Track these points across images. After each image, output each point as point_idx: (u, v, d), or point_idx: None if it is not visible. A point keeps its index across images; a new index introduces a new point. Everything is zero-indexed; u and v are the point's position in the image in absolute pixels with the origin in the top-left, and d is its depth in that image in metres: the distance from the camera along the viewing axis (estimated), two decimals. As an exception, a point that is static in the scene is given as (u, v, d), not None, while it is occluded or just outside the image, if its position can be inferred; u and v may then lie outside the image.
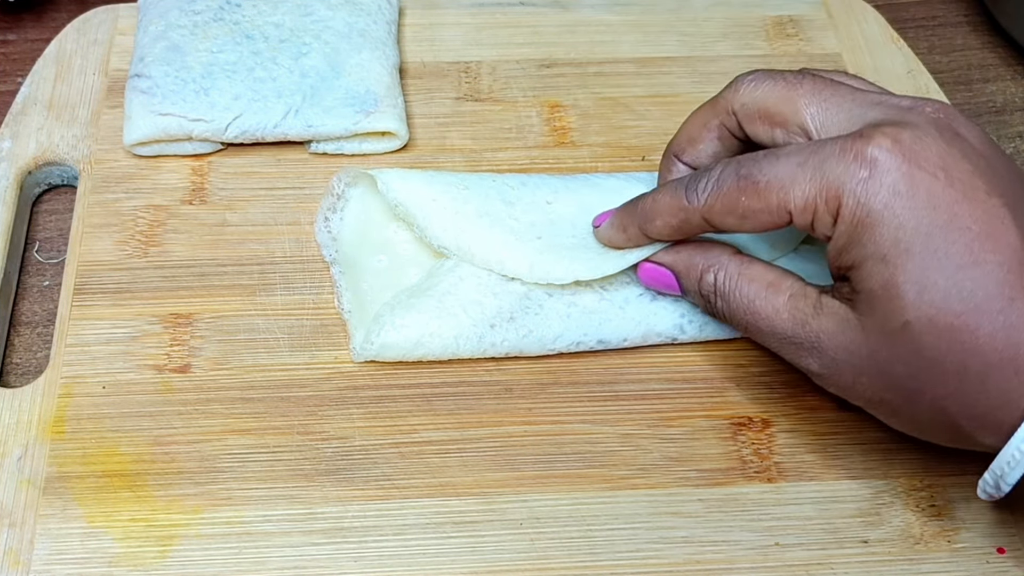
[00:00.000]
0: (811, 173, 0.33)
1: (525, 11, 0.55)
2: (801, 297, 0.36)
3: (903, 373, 0.34)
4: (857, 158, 0.33)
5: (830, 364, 0.35)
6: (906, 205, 0.32)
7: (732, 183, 0.36)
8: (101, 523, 0.38)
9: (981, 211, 0.32)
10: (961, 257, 0.32)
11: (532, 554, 0.38)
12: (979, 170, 0.33)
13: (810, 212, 0.34)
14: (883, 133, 0.33)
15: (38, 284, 0.46)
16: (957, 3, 0.60)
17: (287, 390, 0.41)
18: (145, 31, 0.50)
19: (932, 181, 0.32)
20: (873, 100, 0.35)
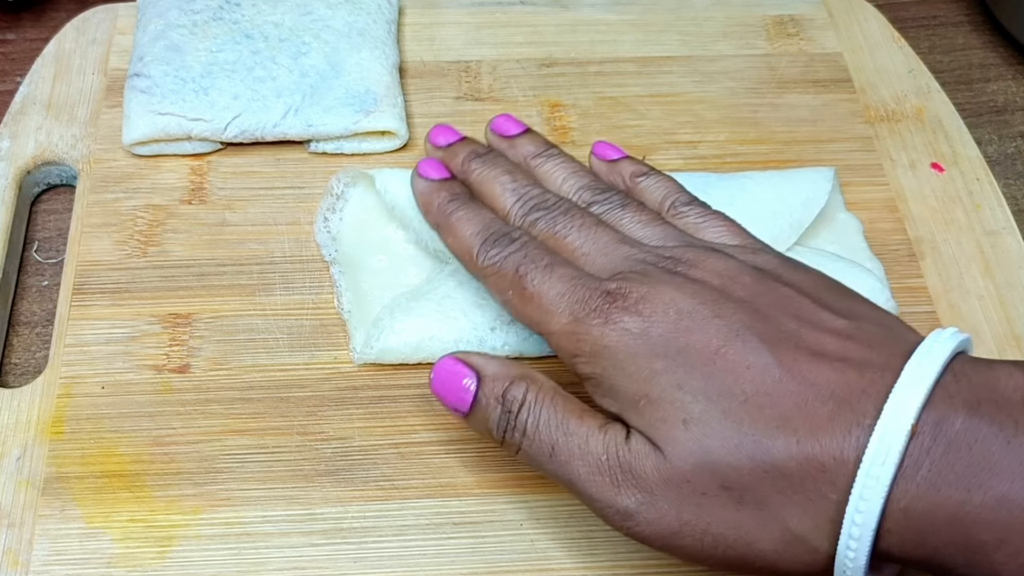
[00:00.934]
0: (563, 308, 0.35)
1: (525, 10, 0.55)
2: (615, 425, 0.33)
3: (710, 483, 0.32)
4: (598, 312, 0.34)
5: (648, 501, 0.32)
6: (638, 340, 0.33)
7: (511, 271, 0.37)
8: (100, 523, 0.38)
9: (713, 332, 0.32)
10: (716, 378, 0.32)
11: (532, 554, 0.38)
12: (707, 302, 0.33)
13: (554, 342, 0.35)
14: (622, 289, 0.34)
15: (37, 284, 0.46)
16: (958, 2, 0.60)
17: (287, 390, 0.41)
18: (144, 30, 0.50)
19: (662, 322, 0.33)
20: (624, 255, 0.36)
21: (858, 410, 0.30)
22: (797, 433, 0.30)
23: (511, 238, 0.38)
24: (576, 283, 0.35)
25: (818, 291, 0.35)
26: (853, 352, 0.32)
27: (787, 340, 0.32)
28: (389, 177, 0.44)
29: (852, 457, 0.30)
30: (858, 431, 0.30)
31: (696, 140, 0.50)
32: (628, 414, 0.33)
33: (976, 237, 0.47)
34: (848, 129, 0.51)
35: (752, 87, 0.52)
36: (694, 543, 0.32)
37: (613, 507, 0.33)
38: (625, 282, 0.34)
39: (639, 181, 0.41)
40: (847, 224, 0.47)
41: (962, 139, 0.51)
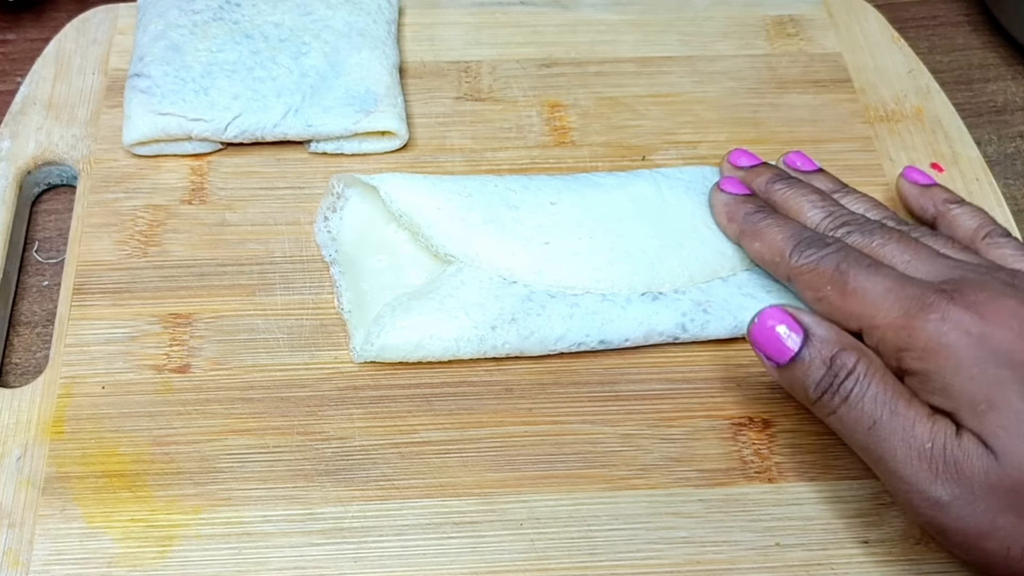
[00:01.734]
0: (892, 303, 0.36)
1: (525, 10, 0.55)
2: (944, 418, 0.34)
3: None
4: (934, 307, 0.35)
5: (965, 498, 0.33)
6: (979, 344, 0.34)
7: (830, 268, 0.38)
8: (100, 523, 0.38)
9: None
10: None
11: (532, 554, 0.38)
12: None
13: (877, 335, 0.36)
14: (959, 291, 0.35)
15: (37, 284, 0.46)
16: (957, 3, 0.60)
17: (287, 390, 0.41)
18: (144, 30, 0.50)
19: (1005, 331, 0.34)
20: (951, 264, 0.38)
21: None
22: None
23: (825, 242, 0.39)
24: (905, 282, 0.36)
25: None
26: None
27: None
28: (394, 186, 0.44)
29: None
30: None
31: (696, 140, 0.50)
32: (963, 414, 0.33)
33: (976, 237, 0.47)
34: (848, 129, 0.51)
35: (752, 87, 0.52)
36: (999, 549, 0.33)
37: (925, 494, 0.33)
38: (962, 285, 0.35)
39: (952, 208, 0.43)
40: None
41: (962, 139, 0.51)
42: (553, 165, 0.49)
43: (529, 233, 0.43)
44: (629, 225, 0.44)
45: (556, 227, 0.44)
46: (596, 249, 0.43)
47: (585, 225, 0.44)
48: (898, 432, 0.34)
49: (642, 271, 0.43)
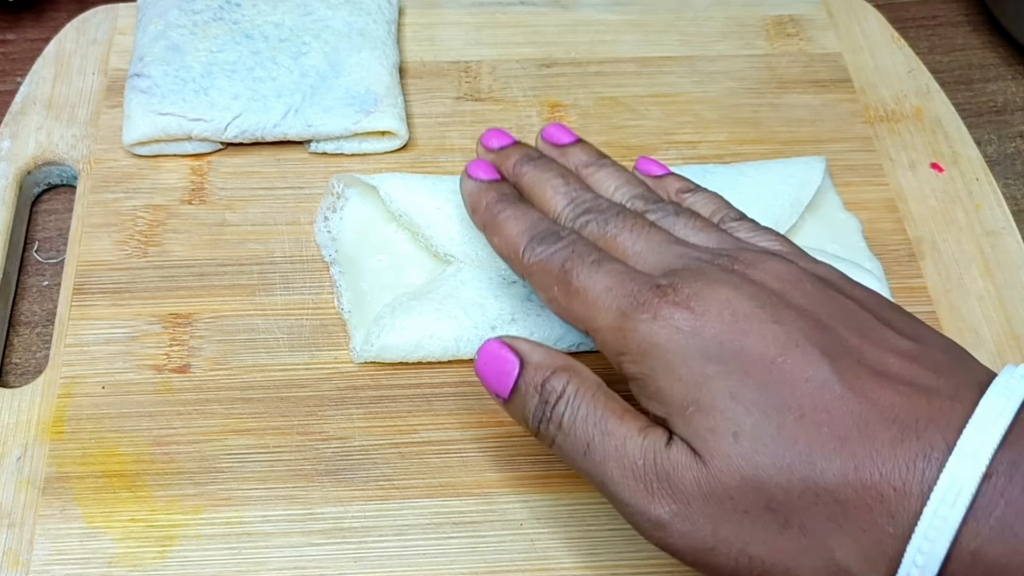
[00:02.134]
0: (610, 303, 0.33)
1: (525, 10, 0.55)
2: (655, 429, 0.32)
3: (756, 502, 0.30)
4: (647, 306, 0.32)
5: (683, 514, 0.30)
6: (690, 340, 0.31)
7: (556, 267, 0.35)
8: (100, 523, 0.38)
9: (771, 338, 0.31)
10: (772, 389, 0.30)
11: (532, 554, 0.38)
12: (765, 305, 0.32)
13: (599, 338, 0.34)
14: (673, 285, 0.33)
15: (37, 284, 0.46)
16: (957, 3, 0.60)
17: (287, 390, 0.41)
18: (144, 30, 0.50)
19: (716, 323, 0.31)
20: (678, 253, 0.35)
21: (924, 440, 0.28)
22: (856, 457, 0.29)
23: (558, 236, 0.36)
24: (624, 278, 0.34)
25: (880, 308, 0.33)
26: (919, 376, 0.30)
27: (849, 355, 0.30)
28: (393, 186, 0.44)
29: (916, 491, 0.28)
30: (924, 463, 0.28)
31: (696, 140, 0.50)
32: (674, 420, 0.31)
33: (976, 237, 0.47)
34: (848, 129, 0.51)
35: (752, 87, 0.52)
36: (728, 562, 0.30)
37: (645, 515, 0.31)
38: (677, 278, 0.33)
39: (686, 197, 0.40)
40: (847, 224, 0.47)
41: (962, 139, 0.51)
42: (553, 165, 0.49)
43: None
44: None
45: None
46: None
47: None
48: (611, 453, 0.32)
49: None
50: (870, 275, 0.44)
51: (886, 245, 0.47)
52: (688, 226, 0.37)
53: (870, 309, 0.33)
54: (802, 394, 0.30)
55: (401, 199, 0.43)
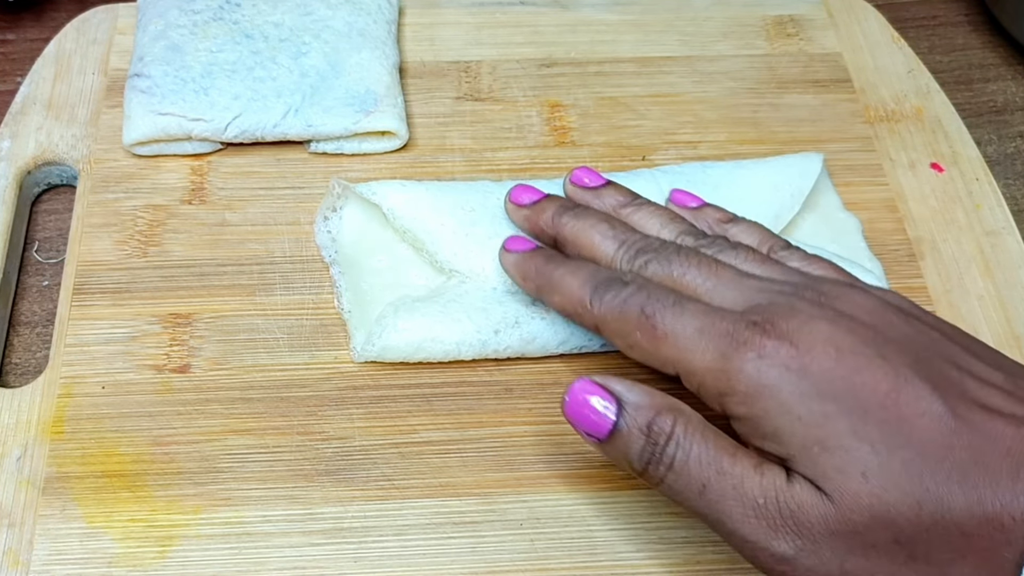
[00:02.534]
0: (706, 345, 0.33)
1: (525, 10, 0.55)
2: (772, 465, 0.32)
3: (887, 553, 0.31)
4: (749, 344, 0.32)
5: (809, 549, 0.31)
6: (801, 378, 0.31)
7: (635, 313, 0.35)
8: (100, 523, 0.38)
9: (881, 375, 0.31)
10: (891, 426, 0.31)
11: (532, 554, 0.38)
12: (867, 340, 0.32)
13: (696, 381, 0.34)
14: (771, 321, 0.32)
15: (37, 284, 0.46)
16: (957, 3, 0.60)
17: (287, 390, 0.41)
18: (144, 30, 0.50)
19: (823, 360, 0.31)
20: (757, 286, 0.35)
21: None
22: (978, 489, 0.30)
23: (623, 281, 0.36)
24: (715, 317, 0.33)
25: (958, 336, 0.34)
26: (1019, 408, 0.31)
27: (954, 388, 0.31)
28: (396, 201, 0.43)
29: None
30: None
31: (696, 140, 0.50)
32: (797, 460, 0.31)
33: (976, 237, 0.47)
34: (848, 129, 0.51)
35: (752, 87, 0.52)
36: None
37: (768, 551, 0.31)
38: (770, 313, 0.33)
39: (728, 228, 0.40)
40: (846, 224, 0.47)
41: (962, 139, 0.51)
42: (553, 165, 0.49)
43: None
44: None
45: None
46: None
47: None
48: (728, 492, 0.32)
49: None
50: (870, 275, 0.44)
51: (886, 245, 0.47)
52: (748, 259, 0.37)
53: (952, 338, 0.33)
54: (920, 429, 0.30)
55: (405, 215, 0.43)
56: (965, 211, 0.48)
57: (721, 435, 0.33)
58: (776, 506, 0.31)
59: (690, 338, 0.33)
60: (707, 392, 0.33)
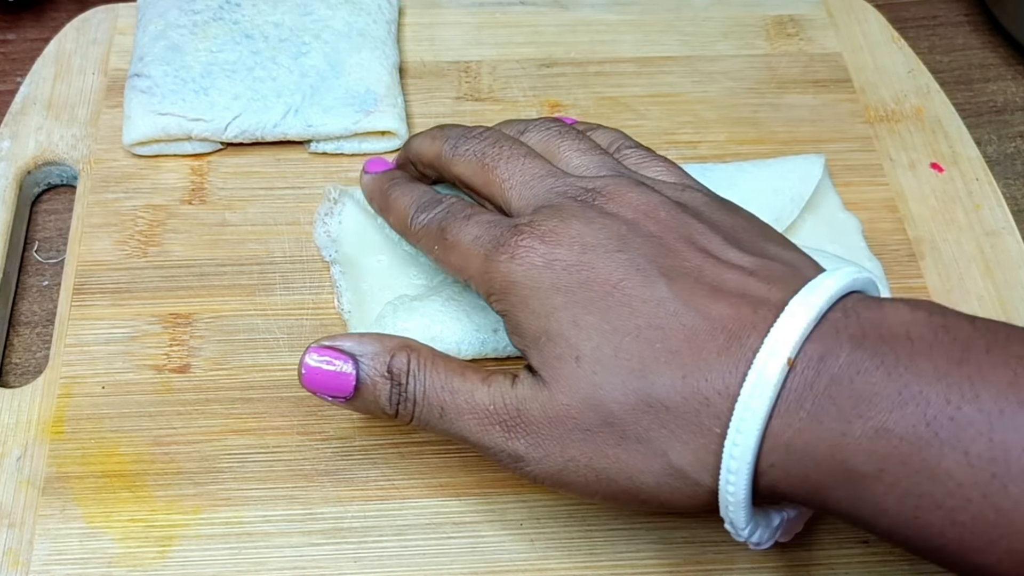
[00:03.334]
0: (478, 249, 0.35)
1: (525, 11, 0.55)
2: (499, 374, 0.34)
3: (598, 420, 0.32)
4: (506, 246, 0.34)
5: (535, 442, 0.33)
6: (543, 273, 0.33)
7: (435, 228, 0.38)
8: (100, 523, 0.38)
9: (615, 266, 0.33)
10: (612, 313, 0.32)
11: (532, 554, 0.38)
12: (615, 236, 0.34)
13: (474, 285, 0.36)
14: (529, 224, 0.35)
15: (37, 284, 0.46)
16: (957, 3, 0.60)
17: (287, 390, 0.41)
18: (144, 30, 0.50)
19: (566, 254, 0.33)
20: (547, 186, 0.37)
21: (746, 345, 0.30)
22: (685, 368, 0.31)
23: (439, 202, 0.39)
24: (491, 225, 0.36)
25: (736, 230, 0.35)
26: (752, 288, 0.32)
27: (688, 274, 0.32)
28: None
29: (735, 391, 0.30)
30: (743, 365, 0.30)
31: (696, 140, 0.50)
32: (530, 351, 0.34)
33: (976, 237, 0.47)
34: (848, 129, 0.51)
35: (752, 87, 0.52)
36: (579, 479, 0.33)
37: (505, 452, 0.34)
38: (538, 215, 0.35)
39: (584, 129, 0.42)
40: (846, 224, 0.47)
41: (962, 139, 0.51)
42: (553, 165, 0.49)
43: None
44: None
45: None
46: None
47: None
48: (463, 408, 0.34)
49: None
50: (870, 275, 0.44)
51: (886, 245, 0.47)
52: (571, 148, 0.39)
53: (722, 231, 0.35)
54: (639, 314, 0.32)
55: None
56: (965, 211, 0.48)
57: (450, 359, 0.35)
58: (504, 408, 0.33)
59: (468, 245, 0.36)
60: (482, 294, 0.36)
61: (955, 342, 0.29)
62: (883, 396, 0.29)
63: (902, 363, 0.29)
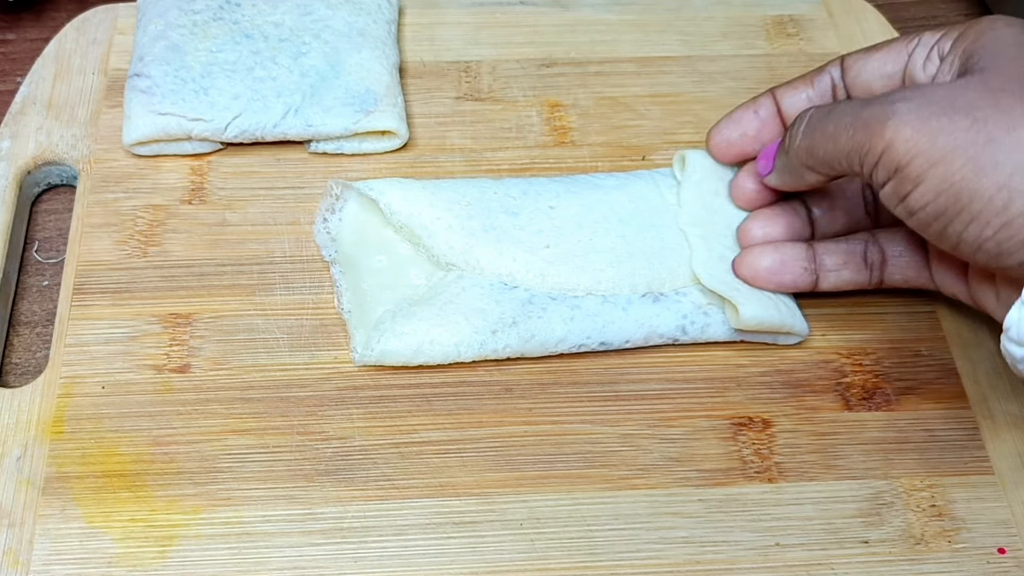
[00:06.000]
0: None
1: (525, 10, 0.55)
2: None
3: (988, 107, 0.34)
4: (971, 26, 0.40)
5: (918, 99, 0.35)
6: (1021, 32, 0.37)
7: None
8: (100, 523, 0.38)
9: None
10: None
11: (532, 554, 0.38)
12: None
13: (928, 48, 0.41)
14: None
15: (37, 284, 0.46)
16: (957, 3, 0.60)
17: (287, 390, 0.41)
18: (144, 30, 0.50)
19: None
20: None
21: None
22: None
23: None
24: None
25: None
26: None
27: None
28: (393, 197, 0.43)
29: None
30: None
31: (696, 140, 0.50)
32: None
33: (976, 237, 0.47)
34: (848, 129, 0.51)
35: (752, 87, 0.52)
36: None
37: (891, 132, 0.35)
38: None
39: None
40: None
41: (962, 139, 0.51)
42: (553, 165, 0.49)
43: (530, 238, 0.43)
44: (629, 226, 0.44)
45: (556, 231, 0.44)
46: (597, 251, 0.43)
47: (585, 227, 0.44)
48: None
49: (643, 271, 0.43)
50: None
51: (886, 245, 0.47)
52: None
53: None
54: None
55: (401, 211, 0.43)
56: (965, 211, 0.48)
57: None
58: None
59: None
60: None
61: None
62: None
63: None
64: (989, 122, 0.34)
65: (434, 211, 0.43)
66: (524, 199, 0.45)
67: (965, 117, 0.34)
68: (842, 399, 0.42)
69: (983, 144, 0.34)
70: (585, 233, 0.44)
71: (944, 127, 0.34)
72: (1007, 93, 0.34)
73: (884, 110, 0.35)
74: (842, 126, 0.37)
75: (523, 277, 0.42)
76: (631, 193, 0.45)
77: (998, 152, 0.33)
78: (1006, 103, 0.34)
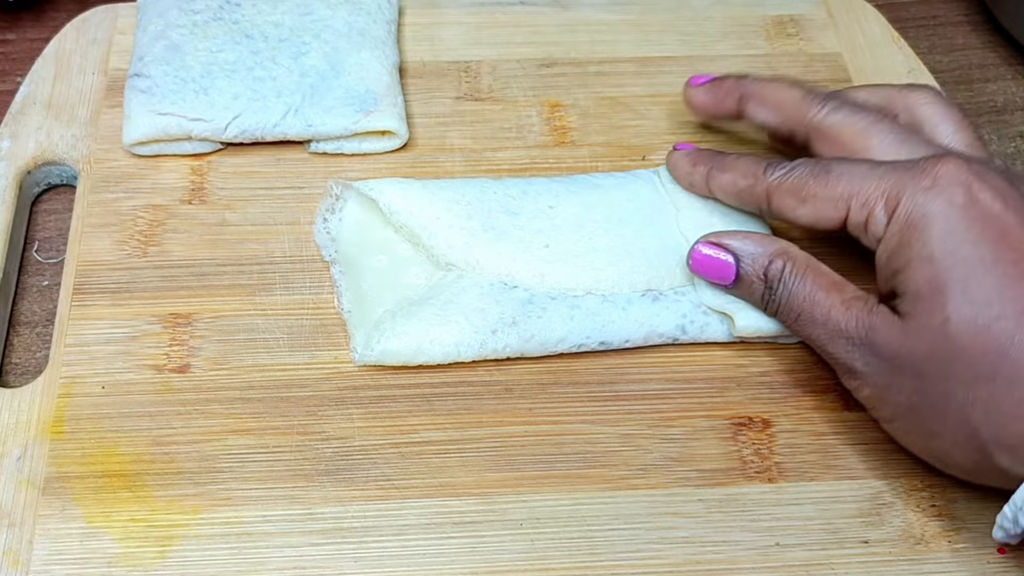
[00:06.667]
0: (880, 176, 0.37)
1: (525, 10, 0.55)
2: (861, 298, 0.38)
3: (936, 372, 0.35)
4: (925, 172, 0.36)
5: (872, 363, 0.37)
6: (961, 216, 0.35)
7: (807, 171, 0.40)
8: (100, 523, 0.38)
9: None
10: (1008, 269, 0.34)
11: (532, 554, 0.38)
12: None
13: (868, 208, 0.37)
14: (953, 158, 0.37)
15: (37, 284, 0.46)
16: (957, 2, 0.60)
17: (287, 390, 0.41)
18: (144, 30, 0.50)
19: (991, 203, 0.35)
20: (943, 149, 0.39)
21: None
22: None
23: (790, 161, 0.41)
24: (884, 163, 0.38)
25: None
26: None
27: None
28: (393, 197, 0.44)
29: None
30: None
31: (696, 140, 0.50)
32: (905, 290, 0.36)
33: (976, 237, 0.47)
34: (848, 129, 0.51)
35: (752, 87, 0.52)
36: (892, 407, 0.38)
37: (842, 362, 0.38)
38: (941, 161, 0.37)
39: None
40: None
41: (962, 139, 0.51)
42: (553, 165, 0.49)
43: (529, 238, 0.43)
44: (629, 225, 0.44)
45: (556, 230, 0.44)
46: (596, 250, 0.43)
47: (585, 227, 0.44)
48: (818, 320, 0.38)
49: (642, 270, 0.43)
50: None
51: (886, 245, 0.47)
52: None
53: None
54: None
55: (401, 211, 0.43)
56: (965, 211, 0.48)
57: (822, 270, 0.39)
58: (855, 331, 0.37)
59: (863, 172, 0.38)
60: (874, 219, 0.38)
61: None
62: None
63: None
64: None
65: (434, 211, 0.43)
66: (524, 199, 0.45)
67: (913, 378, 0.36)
68: (842, 399, 0.42)
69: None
70: (585, 233, 0.44)
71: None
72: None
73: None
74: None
75: (523, 277, 0.43)
76: (631, 193, 0.45)
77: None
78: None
